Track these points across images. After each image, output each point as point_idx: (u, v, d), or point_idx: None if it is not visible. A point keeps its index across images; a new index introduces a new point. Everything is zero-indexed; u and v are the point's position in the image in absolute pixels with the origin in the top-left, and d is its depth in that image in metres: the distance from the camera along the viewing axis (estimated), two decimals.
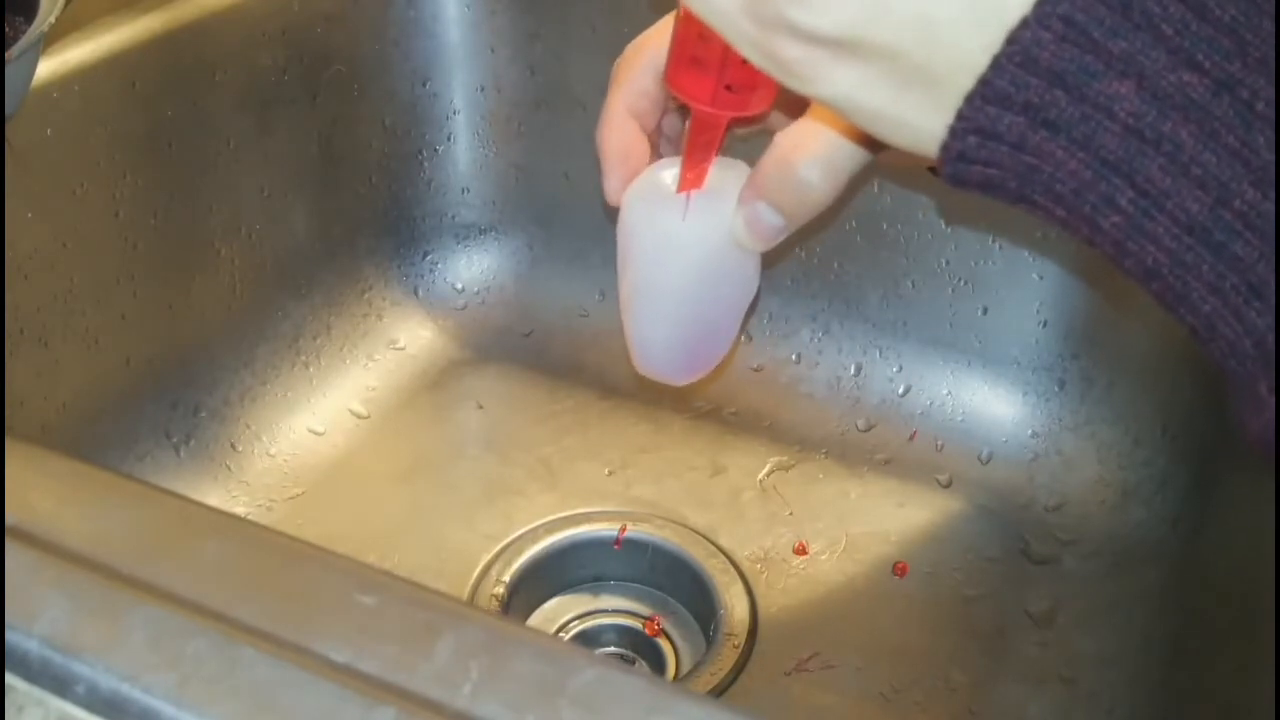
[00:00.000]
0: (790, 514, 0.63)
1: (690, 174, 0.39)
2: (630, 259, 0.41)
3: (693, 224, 0.39)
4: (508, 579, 0.59)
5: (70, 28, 0.54)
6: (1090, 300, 0.64)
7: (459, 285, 0.76)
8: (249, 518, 0.62)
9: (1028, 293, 0.65)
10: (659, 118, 0.43)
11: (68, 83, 0.53)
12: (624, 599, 0.61)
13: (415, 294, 0.75)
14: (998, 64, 0.25)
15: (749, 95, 0.36)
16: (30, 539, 0.29)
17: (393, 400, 0.70)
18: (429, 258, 0.76)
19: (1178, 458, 0.60)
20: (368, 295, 0.73)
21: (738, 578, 0.59)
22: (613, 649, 0.60)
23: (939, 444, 0.67)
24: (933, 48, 0.26)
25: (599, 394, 0.71)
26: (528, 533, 0.62)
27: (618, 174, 0.42)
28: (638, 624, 0.60)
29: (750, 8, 0.27)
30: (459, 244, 0.77)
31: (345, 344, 0.71)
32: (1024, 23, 0.24)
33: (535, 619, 0.60)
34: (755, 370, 0.71)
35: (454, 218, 0.76)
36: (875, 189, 0.66)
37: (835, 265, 0.69)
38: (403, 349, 0.73)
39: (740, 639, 0.56)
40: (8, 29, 0.47)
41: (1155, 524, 0.60)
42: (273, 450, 0.65)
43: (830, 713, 0.54)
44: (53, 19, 0.46)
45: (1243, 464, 0.53)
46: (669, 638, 0.59)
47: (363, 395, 0.70)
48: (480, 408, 0.71)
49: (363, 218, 0.72)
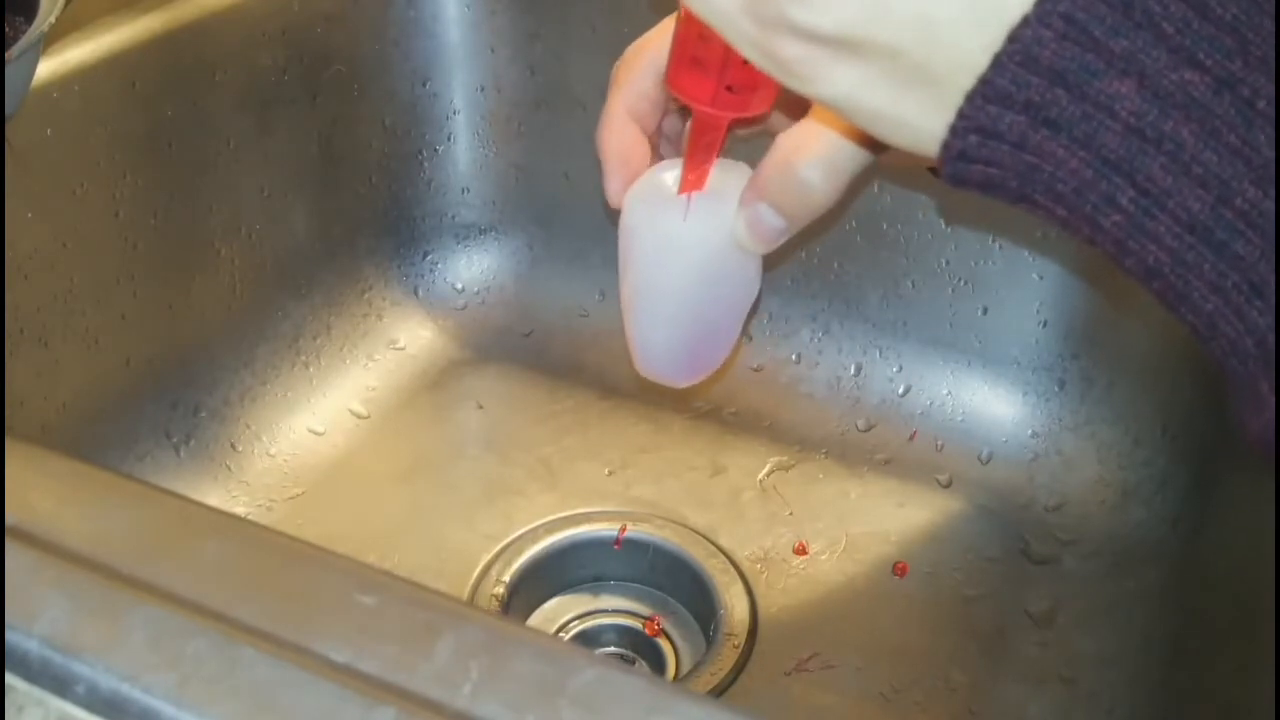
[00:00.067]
0: (790, 514, 0.63)
1: (691, 175, 0.39)
2: (631, 260, 0.41)
3: (694, 225, 0.39)
4: (508, 579, 0.59)
5: (70, 28, 0.54)
6: (1090, 300, 0.64)
7: (459, 285, 0.76)
8: (249, 518, 0.62)
9: (1028, 293, 0.65)
10: (660, 119, 0.43)
11: (68, 83, 0.53)
12: (624, 599, 0.61)
13: (415, 294, 0.75)
14: (998, 63, 0.25)
15: (750, 96, 0.36)
16: (30, 539, 0.29)
17: (393, 400, 0.70)
18: (429, 258, 0.76)
19: (1178, 458, 0.60)
20: (368, 295, 0.73)
21: (738, 578, 0.59)
22: (613, 649, 0.60)
23: (939, 444, 0.67)
24: (933, 47, 0.26)
25: (599, 394, 0.71)
26: (528, 533, 0.62)
27: (619, 176, 0.42)
28: (638, 624, 0.60)
29: (750, 7, 0.27)
30: (459, 244, 0.77)
31: (345, 344, 0.71)
32: (1025, 21, 0.24)
33: (535, 619, 0.60)
34: (755, 370, 0.71)
35: (454, 218, 0.76)
36: (875, 189, 0.66)
37: (835, 265, 0.69)
38: (403, 349, 0.73)
39: (740, 639, 0.56)
40: (8, 29, 0.47)
41: (1155, 524, 0.60)
42: (273, 450, 0.65)
43: (830, 713, 0.54)
44: (53, 19, 0.46)
45: (1243, 464, 0.53)
46: (669, 638, 0.59)
47: (363, 395, 0.70)
48: (480, 408, 0.71)
49: (363, 218, 0.72)
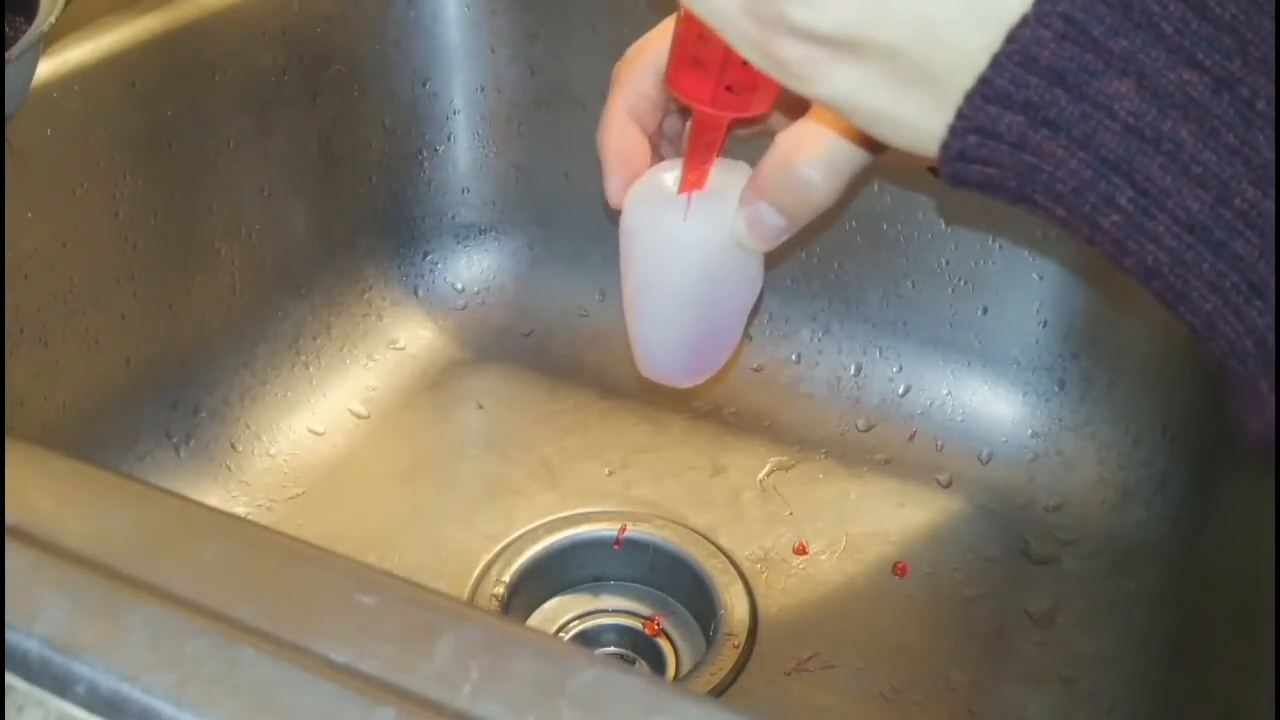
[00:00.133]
0: (790, 514, 0.63)
1: (691, 175, 0.39)
2: (632, 261, 0.41)
3: (694, 225, 0.39)
4: (508, 579, 0.59)
5: (70, 28, 0.54)
6: (1090, 300, 0.64)
7: (459, 285, 0.76)
8: (249, 518, 0.62)
9: (1028, 293, 0.65)
10: (660, 119, 0.43)
11: (68, 83, 0.53)
12: (624, 599, 0.61)
13: (415, 294, 0.75)
14: (998, 63, 0.25)
15: (750, 96, 0.36)
16: (30, 539, 0.29)
17: (393, 400, 0.70)
18: (429, 258, 0.76)
19: (1178, 458, 0.60)
20: (368, 295, 0.73)
21: (738, 578, 0.59)
22: (613, 649, 0.60)
23: (939, 444, 0.67)
24: (932, 47, 0.26)
25: (599, 394, 0.71)
26: (528, 533, 0.62)
27: (619, 176, 0.42)
28: (638, 624, 0.60)
29: (750, 8, 0.27)
30: (459, 244, 0.77)
31: (345, 344, 0.71)
32: (1024, 21, 0.24)
33: (535, 619, 0.60)
34: (755, 370, 0.71)
35: (454, 218, 0.76)
36: (875, 189, 0.66)
37: (835, 265, 0.69)
38: (403, 349, 0.73)
39: (740, 639, 0.56)
40: (8, 29, 0.47)
41: (1155, 524, 0.60)
42: (273, 450, 0.65)
43: (830, 713, 0.54)
44: (53, 19, 0.46)
45: (1243, 464, 0.53)
46: (669, 638, 0.59)
47: (363, 395, 0.70)
48: (480, 408, 0.71)
49: (363, 218, 0.72)
